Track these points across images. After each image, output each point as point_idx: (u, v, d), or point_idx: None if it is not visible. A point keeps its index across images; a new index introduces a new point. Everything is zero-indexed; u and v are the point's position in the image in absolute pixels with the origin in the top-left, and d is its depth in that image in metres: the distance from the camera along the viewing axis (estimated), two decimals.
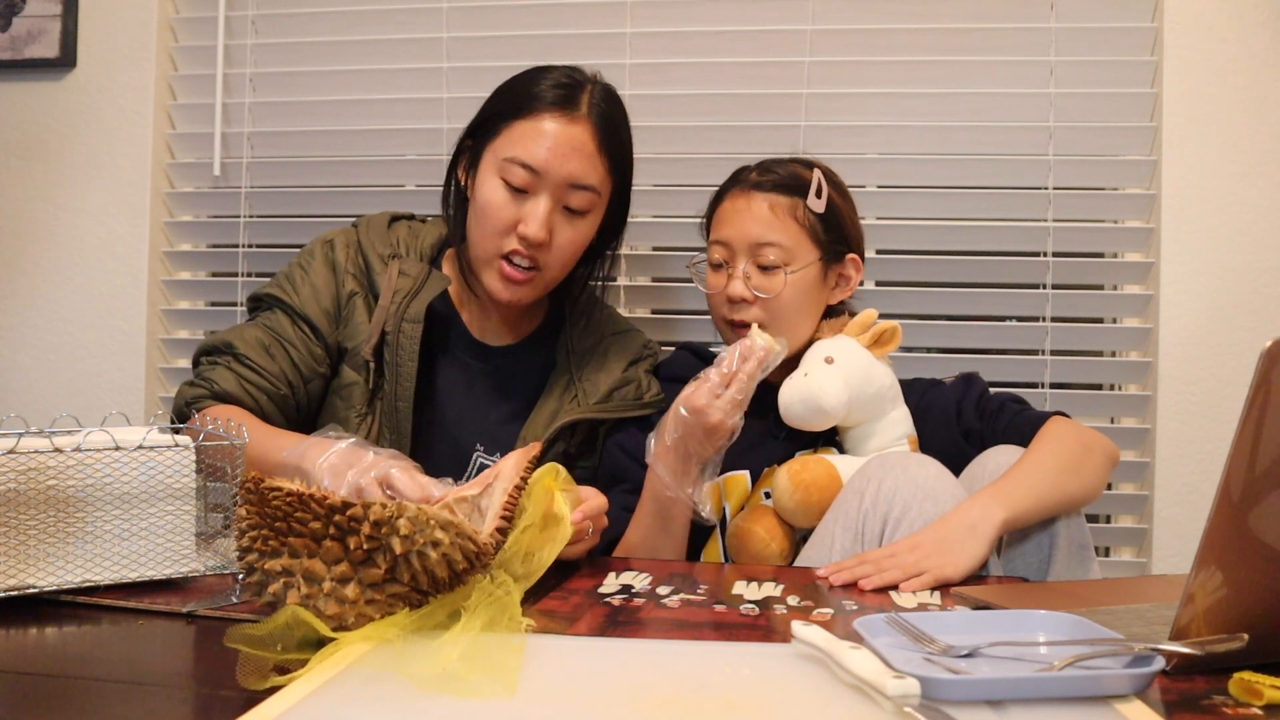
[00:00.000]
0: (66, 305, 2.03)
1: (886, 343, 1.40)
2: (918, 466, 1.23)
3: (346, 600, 0.81)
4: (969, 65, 1.84)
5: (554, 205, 1.35)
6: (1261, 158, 1.76)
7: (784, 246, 1.41)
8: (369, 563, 0.82)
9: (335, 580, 0.82)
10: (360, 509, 0.81)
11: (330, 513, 0.81)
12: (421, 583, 0.84)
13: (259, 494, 0.83)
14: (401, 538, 0.81)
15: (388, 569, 0.82)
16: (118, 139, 2.01)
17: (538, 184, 1.33)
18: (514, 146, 1.34)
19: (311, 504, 0.81)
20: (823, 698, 0.70)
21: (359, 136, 1.99)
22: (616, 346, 1.52)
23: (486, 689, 0.70)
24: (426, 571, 0.83)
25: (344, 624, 0.82)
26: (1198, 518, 1.08)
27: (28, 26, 2.01)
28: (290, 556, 0.82)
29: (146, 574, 1.00)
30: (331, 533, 0.82)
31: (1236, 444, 0.73)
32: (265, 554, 0.83)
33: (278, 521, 0.83)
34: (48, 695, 0.75)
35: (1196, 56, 1.77)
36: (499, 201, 1.34)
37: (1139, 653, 0.75)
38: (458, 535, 0.84)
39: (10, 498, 0.94)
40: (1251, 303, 1.77)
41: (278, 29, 2.02)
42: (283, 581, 0.83)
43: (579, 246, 1.40)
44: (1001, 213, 1.86)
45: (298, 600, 0.82)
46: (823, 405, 1.33)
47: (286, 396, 1.37)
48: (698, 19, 1.90)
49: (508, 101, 1.38)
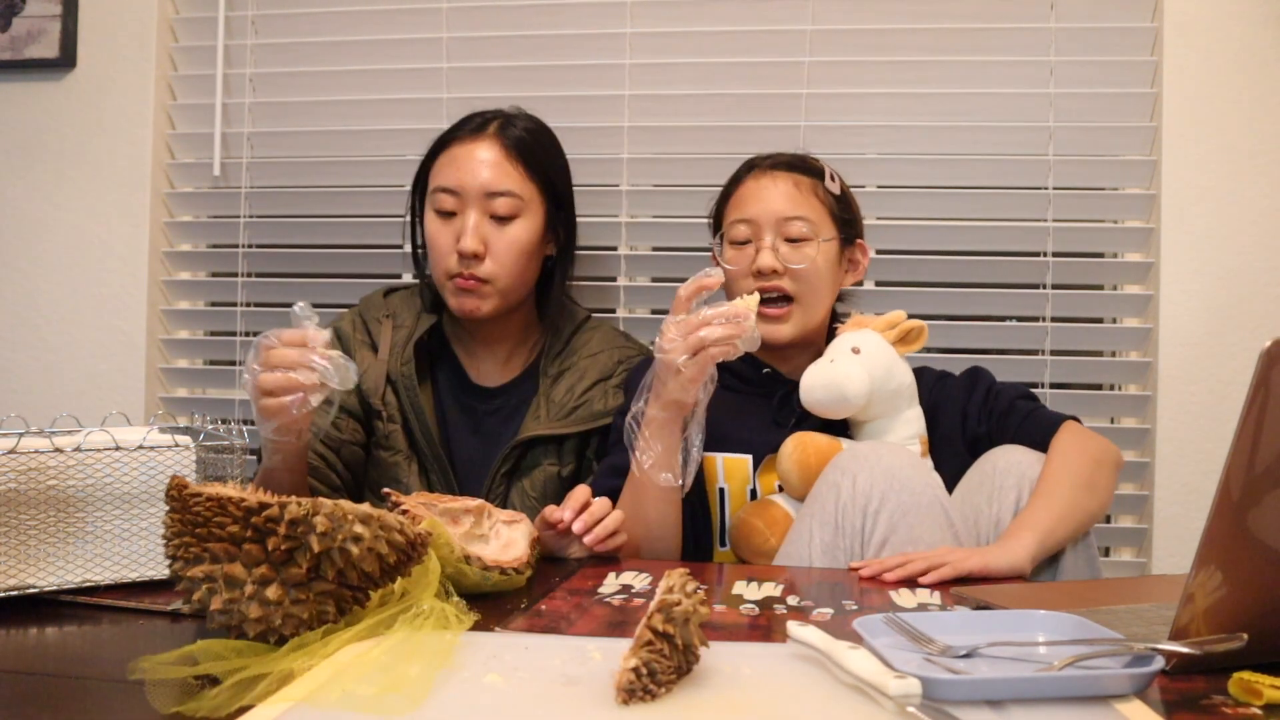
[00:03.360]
0: (66, 305, 2.03)
1: (912, 341, 1.41)
2: (890, 456, 1.23)
3: (270, 602, 0.79)
4: (969, 65, 1.84)
5: (480, 217, 1.48)
6: (1261, 158, 1.76)
7: (811, 220, 1.44)
8: (290, 562, 0.80)
9: (256, 583, 0.80)
10: (276, 509, 0.79)
11: (247, 515, 0.79)
12: (351, 578, 0.82)
13: (181, 500, 0.81)
14: (319, 535, 0.79)
15: (310, 567, 0.80)
16: (118, 139, 2.01)
17: (461, 203, 1.48)
18: (436, 178, 1.51)
19: (230, 507, 0.80)
20: (822, 698, 0.70)
21: (359, 136, 1.99)
22: (587, 368, 1.56)
23: (389, 706, 0.67)
24: (353, 567, 0.81)
25: (270, 626, 0.80)
26: (1198, 518, 1.08)
27: (28, 26, 2.01)
28: (212, 562, 0.80)
29: (146, 574, 1.01)
30: (249, 535, 0.80)
31: (1236, 444, 0.73)
32: (189, 561, 0.81)
33: (199, 527, 0.81)
34: (48, 695, 0.75)
35: (1196, 56, 1.77)
36: (435, 229, 1.50)
37: (1139, 653, 0.75)
38: (381, 529, 0.82)
39: (10, 498, 0.94)
40: (1251, 303, 1.77)
41: (278, 29, 2.02)
42: (205, 587, 0.81)
43: (520, 250, 1.50)
44: (1001, 213, 1.86)
45: (221, 605, 0.80)
46: (845, 392, 1.34)
47: (319, 468, 1.46)
48: (698, 19, 1.90)
49: (431, 149, 1.55)
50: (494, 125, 1.51)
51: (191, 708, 0.68)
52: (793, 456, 1.32)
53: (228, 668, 0.74)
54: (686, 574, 0.75)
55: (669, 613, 0.71)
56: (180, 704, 0.69)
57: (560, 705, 0.69)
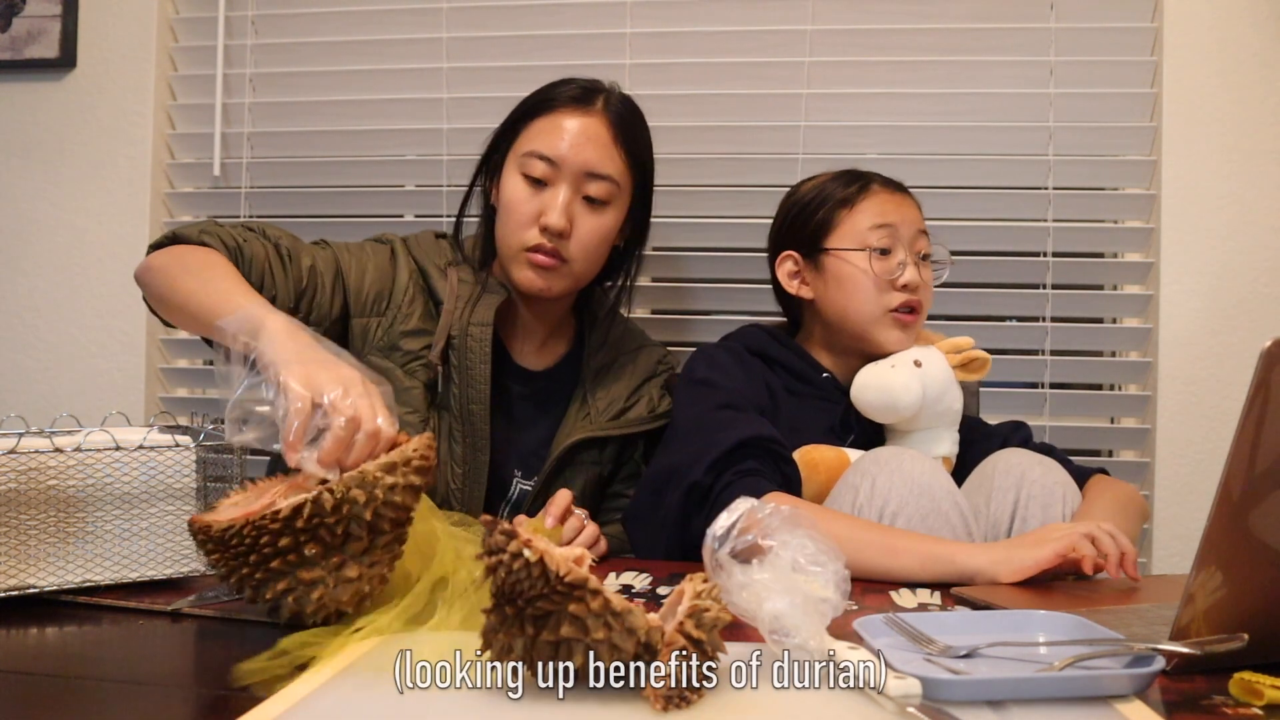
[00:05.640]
0: (66, 305, 2.03)
1: (975, 370, 1.43)
2: (911, 463, 1.23)
3: (352, 580, 0.84)
4: (969, 65, 1.84)
5: (573, 195, 1.37)
6: (1261, 158, 1.76)
7: (930, 241, 1.48)
8: (349, 539, 0.84)
9: (332, 571, 0.83)
10: (311, 504, 0.81)
11: (289, 523, 0.81)
12: (402, 519, 0.86)
13: (213, 539, 0.83)
14: (363, 505, 0.82)
15: (369, 534, 0.84)
16: (118, 139, 2.01)
17: (556, 174, 1.36)
18: (532, 141, 1.38)
19: (268, 524, 0.81)
20: (823, 698, 0.70)
21: (359, 137, 1.99)
22: (631, 364, 1.52)
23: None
24: (399, 509, 0.85)
25: (362, 595, 0.85)
26: (1198, 518, 1.07)
27: (28, 26, 2.01)
28: (282, 577, 0.83)
29: (146, 574, 1.00)
30: (303, 538, 0.82)
31: (1236, 444, 0.73)
32: (260, 585, 0.84)
33: (251, 554, 0.83)
34: (48, 695, 0.75)
35: (1196, 56, 1.77)
36: (521, 196, 1.37)
37: (1139, 653, 0.74)
38: (403, 465, 0.85)
39: (10, 498, 0.94)
40: (1251, 303, 1.77)
41: (278, 29, 2.02)
42: (291, 599, 0.84)
43: (601, 237, 1.41)
44: (1001, 213, 1.86)
45: (315, 606, 0.83)
46: (896, 400, 1.36)
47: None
48: (698, 19, 1.90)
49: (526, 106, 1.42)
50: (600, 100, 1.40)
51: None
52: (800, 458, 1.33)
53: (317, 651, 0.78)
54: (706, 578, 0.75)
55: (700, 619, 0.71)
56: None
57: (595, 713, 0.68)
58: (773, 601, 0.73)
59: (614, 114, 1.40)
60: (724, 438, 1.25)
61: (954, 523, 1.19)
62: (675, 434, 1.36)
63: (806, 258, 1.48)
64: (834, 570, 0.76)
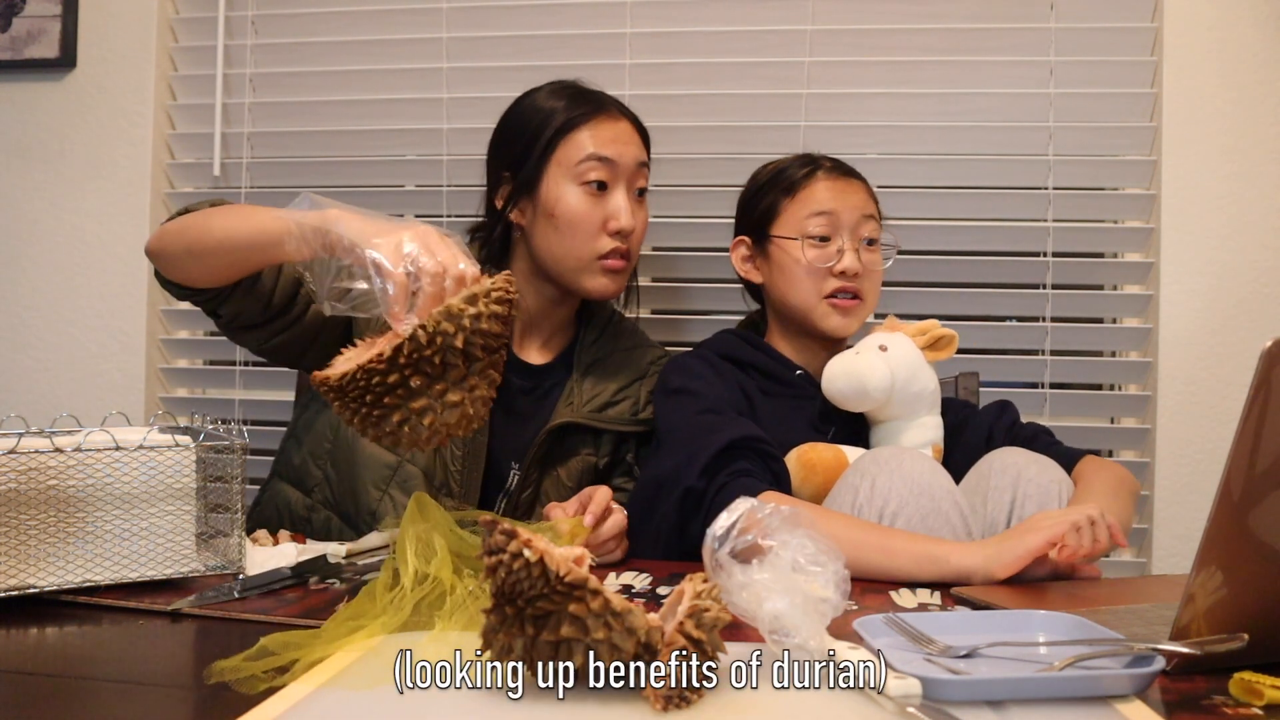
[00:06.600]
0: (66, 305, 2.03)
1: (941, 349, 1.42)
2: (911, 462, 1.23)
3: (457, 403, 0.94)
4: (969, 65, 1.84)
5: (629, 193, 1.44)
6: (1261, 158, 1.76)
7: (880, 225, 1.48)
8: (448, 367, 0.94)
9: (437, 398, 0.93)
10: (409, 342, 0.91)
11: (393, 360, 0.91)
12: (492, 344, 0.96)
13: (336, 388, 0.93)
14: (454, 334, 0.92)
15: (464, 361, 0.94)
16: (118, 139, 2.01)
17: (615, 175, 1.42)
18: (583, 149, 1.41)
19: (376, 367, 0.91)
20: (823, 698, 0.70)
21: (359, 137, 1.99)
22: (623, 361, 1.54)
23: None
24: (489, 336, 0.94)
25: (468, 416, 0.95)
26: (1198, 518, 1.08)
27: (28, 26, 2.01)
28: (395, 410, 0.93)
29: (146, 574, 1.00)
30: (407, 372, 0.92)
31: (1236, 444, 0.73)
32: (380, 420, 0.94)
33: (368, 395, 0.92)
34: (48, 695, 0.75)
35: (1196, 56, 1.77)
36: (584, 207, 1.41)
37: (1139, 653, 0.75)
38: (483, 296, 0.94)
39: (10, 498, 0.94)
40: (1251, 303, 1.77)
41: (278, 29, 2.01)
42: (407, 429, 0.94)
43: (647, 226, 1.49)
44: (1001, 213, 1.86)
45: (429, 433, 0.94)
46: (866, 384, 1.35)
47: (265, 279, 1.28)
48: (698, 19, 1.90)
49: (555, 120, 1.42)
50: (609, 102, 1.47)
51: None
52: (797, 475, 1.33)
53: (298, 655, 0.77)
54: (706, 578, 0.75)
55: (700, 619, 0.71)
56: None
57: (595, 713, 0.68)
58: (773, 601, 0.73)
59: (624, 110, 1.47)
60: (712, 441, 1.26)
61: (954, 523, 1.19)
62: (660, 444, 1.37)
63: (755, 244, 1.50)
64: (834, 570, 0.76)
